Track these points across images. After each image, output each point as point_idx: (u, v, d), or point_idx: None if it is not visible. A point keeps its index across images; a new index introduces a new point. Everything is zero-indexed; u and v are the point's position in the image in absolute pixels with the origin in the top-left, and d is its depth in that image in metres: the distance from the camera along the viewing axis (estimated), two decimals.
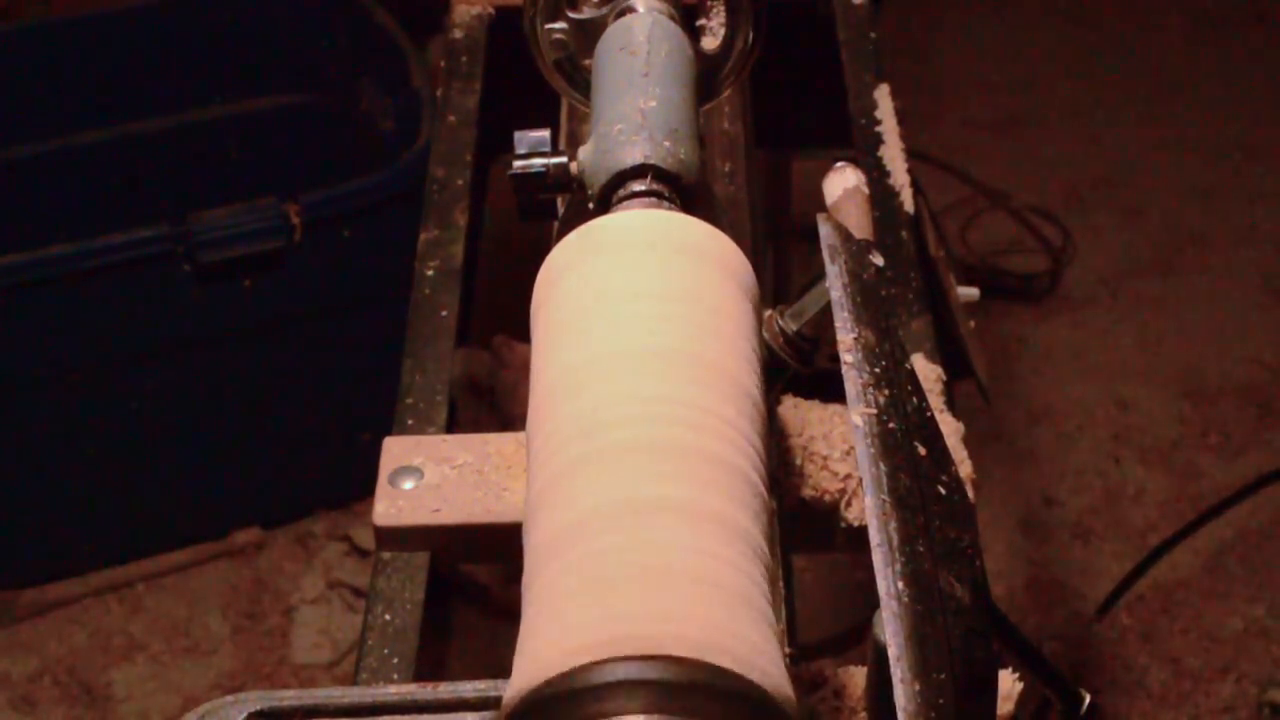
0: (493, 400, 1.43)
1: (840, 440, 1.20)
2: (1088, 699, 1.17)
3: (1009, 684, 1.06)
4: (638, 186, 0.99)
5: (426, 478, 1.16)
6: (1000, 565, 2.43)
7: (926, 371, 1.27)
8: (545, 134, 1.09)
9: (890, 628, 0.76)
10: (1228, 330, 2.85)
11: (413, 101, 2.46)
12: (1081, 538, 2.51)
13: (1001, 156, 3.22)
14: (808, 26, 1.70)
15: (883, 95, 1.57)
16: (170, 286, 2.31)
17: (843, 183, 1.16)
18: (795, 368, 1.10)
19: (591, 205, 1.02)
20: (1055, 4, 3.63)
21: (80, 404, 2.38)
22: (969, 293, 1.50)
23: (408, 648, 1.11)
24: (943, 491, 0.85)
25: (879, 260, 0.95)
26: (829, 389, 1.16)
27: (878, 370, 0.87)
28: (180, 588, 2.49)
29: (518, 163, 1.08)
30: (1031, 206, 3.09)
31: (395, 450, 1.18)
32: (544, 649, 0.75)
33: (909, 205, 1.46)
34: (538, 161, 1.08)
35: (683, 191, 1.00)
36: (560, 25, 1.17)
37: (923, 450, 0.85)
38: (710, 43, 1.18)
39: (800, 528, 1.20)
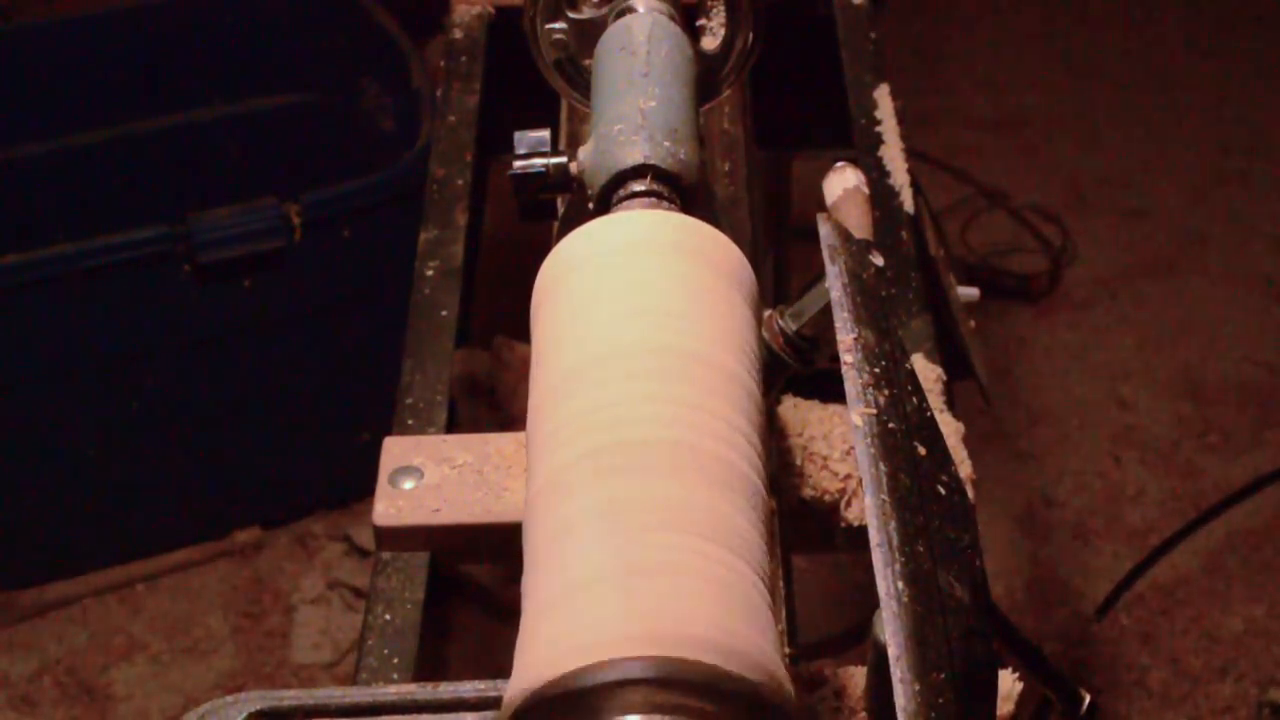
0: (493, 400, 1.43)
1: (840, 440, 1.20)
2: (1088, 699, 1.18)
3: (1009, 684, 1.06)
4: (638, 187, 0.99)
5: (426, 478, 1.15)
6: (1000, 565, 2.43)
7: (926, 371, 1.27)
8: (545, 134, 1.09)
9: (890, 628, 0.76)
10: (1228, 330, 2.85)
11: (413, 101, 2.46)
12: (1081, 538, 2.51)
13: (1001, 156, 3.22)
14: (808, 26, 1.70)
15: (883, 95, 1.57)
16: (170, 286, 2.31)
17: (843, 183, 1.16)
18: (795, 368, 1.10)
19: (591, 205, 1.02)
20: (1055, 4, 3.63)
21: (80, 404, 2.38)
22: (969, 293, 1.50)
23: (408, 648, 1.11)
24: (943, 491, 0.85)
25: (879, 260, 0.95)
26: (829, 389, 1.16)
27: (878, 370, 0.86)
28: (180, 588, 2.49)
29: (518, 163, 1.08)
30: (1031, 206, 3.09)
31: (395, 450, 1.18)
32: (544, 649, 0.75)
33: (909, 205, 1.46)
34: (538, 161, 1.08)
35: (683, 191, 1.00)
36: (560, 25, 1.17)
37: (923, 450, 0.85)
38: (710, 43, 1.18)
39: (800, 528, 1.20)
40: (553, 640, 0.75)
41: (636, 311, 0.87)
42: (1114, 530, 2.52)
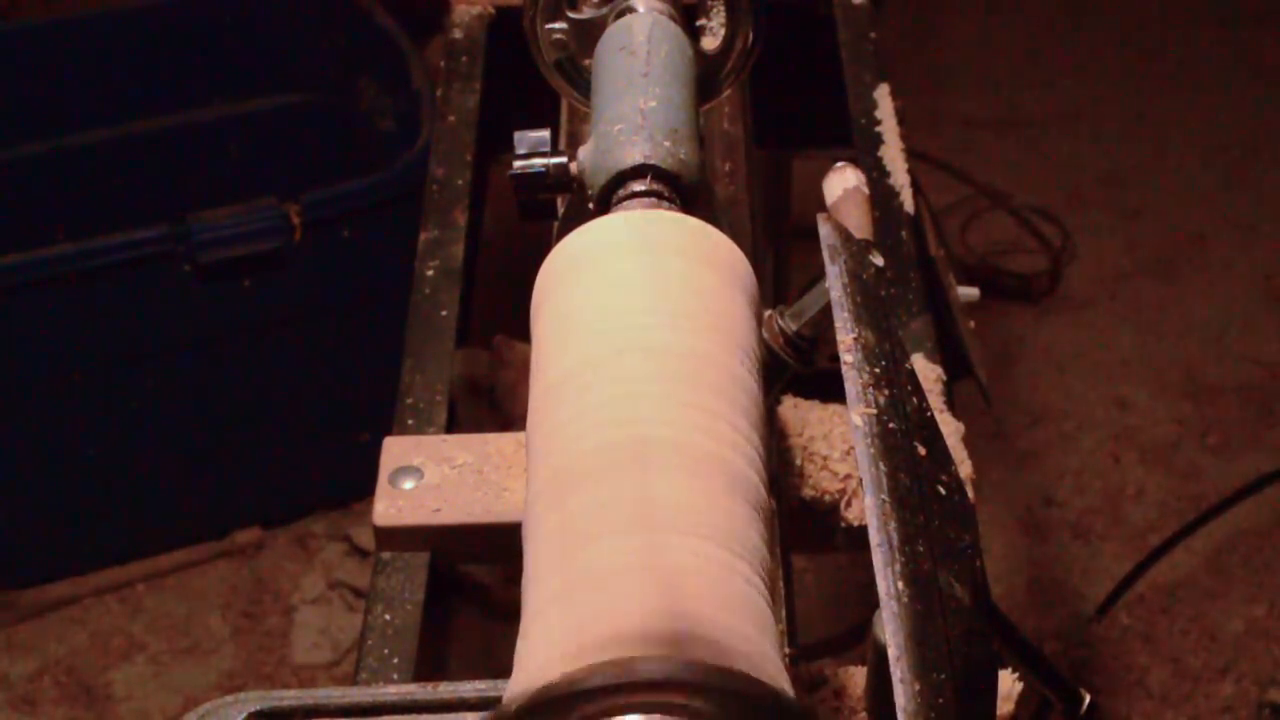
0: (493, 400, 1.42)
1: (840, 440, 1.20)
2: (1088, 699, 1.18)
3: (1009, 684, 1.06)
4: (638, 186, 0.99)
5: (426, 478, 1.16)
6: (1000, 565, 2.43)
7: (926, 371, 1.27)
8: (545, 134, 1.09)
9: (890, 628, 0.76)
10: (1228, 330, 2.85)
11: (413, 101, 2.46)
12: (1081, 538, 2.51)
13: (1001, 156, 3.22)
14: (808, 26, 1.70)
15: (883, 95, 1.57)
16: (170, 286, 2.31)
17: (843, 183, 1.16)
18: (795, 368, 1.10)
19: (591, 205, 1.02)
20: (1055, 3, 3.63)
21: (80, 404, 2.38)
22: (969, 293, 1.50)
23: (408, 648, 1.11)
24: (943, 491, 0.85)
25: (879, 260, 0.95)
26: (829, 389, 1.16)
27: (878, 370, 0.86)
28: (180, 588, 2.49)
29: (518, 163, 1.08)
30: (1031, 206, 3.09)
31: (395, 450, 1.18)
32: (544, 649, 0.75)
33: (909, 205, 1.46)
34: (538, 161, 1.08)
35: (683, 191, 1.00)
36: (560, 25, 1.17)
37: (923, 450, 0.85)
38: (710, 43, 1.18)
39: (800, 528, 1.20)
40: (553, 641, 0.75)
41: (637, 311, 0.87)
42: (1114, 530, 2.52)
